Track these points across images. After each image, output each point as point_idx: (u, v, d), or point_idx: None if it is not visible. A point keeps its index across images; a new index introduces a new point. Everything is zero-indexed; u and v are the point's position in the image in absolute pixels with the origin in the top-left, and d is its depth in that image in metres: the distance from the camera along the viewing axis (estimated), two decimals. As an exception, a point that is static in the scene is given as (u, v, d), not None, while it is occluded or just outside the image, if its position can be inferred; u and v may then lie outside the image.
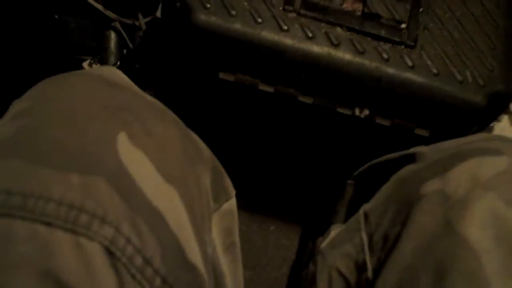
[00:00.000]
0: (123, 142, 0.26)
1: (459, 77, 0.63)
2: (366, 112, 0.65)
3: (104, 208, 0.23)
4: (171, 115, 0.31)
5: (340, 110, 0.65)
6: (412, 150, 0.34)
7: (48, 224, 0.22)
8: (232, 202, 0.35)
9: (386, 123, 0.66)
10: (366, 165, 0.37)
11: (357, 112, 0.65)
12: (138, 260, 0.24)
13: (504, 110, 0.71)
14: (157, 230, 0.25)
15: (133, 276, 0.23)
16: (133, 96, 0.30)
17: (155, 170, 0.26)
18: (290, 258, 0.88)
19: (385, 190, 0.32)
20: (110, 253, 0.23)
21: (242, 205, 0.96)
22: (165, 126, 0.29)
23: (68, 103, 0.26)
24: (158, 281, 0.24)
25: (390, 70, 0.61)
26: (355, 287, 0.31)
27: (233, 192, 0.35)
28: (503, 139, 0.30)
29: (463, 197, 0.26)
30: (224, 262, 0.34)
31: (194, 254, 0.27)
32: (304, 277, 0.36)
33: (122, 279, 0.23)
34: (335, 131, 0.70)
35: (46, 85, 0.28)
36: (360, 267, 0.31)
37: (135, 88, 0.31)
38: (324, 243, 0.35)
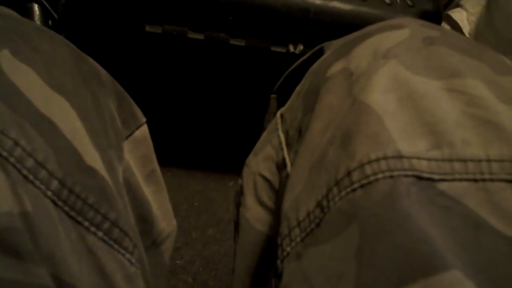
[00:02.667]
0: (6, 57, 0.25)
1: (387, 0, 0.63)
2: (301, 47, 0.64)
3: None
4: (62, 39, 0.30)
5: (274, 48, 0.64)
6: (321, 44, 0.33)
7: None
8: (144, 129, 0.34)
9: (322, 56, 0.65)
10: (284, 75, 0.37)
11: (291, 48, 0.64)
12: (29, 162, 0.23)
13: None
14: (49, 136, 0.24)
15: (25, 177, 0.23)
16: (20, 21, 0.29)
17: (42, 81, 0.26)
18: (252, 210, 0.88)
19: (298, 87, 0.32)
20: None
21: (198, 165, 0.96)
22: (54, 45, 0.29)
23: None
24: (55, 183, 0.24)
25: (317, 1, 0.61)
26: (278, 187, 0.31)
27: (143, 119, 0.34)
28: (408, 18, 0.30)
29: (365, 70, 0.26)
30: (147, 192, 0.34)
31: (94, 159, 0.26)
32: (235, 193, 0.35)
33: (12, 178, 0.22)
34: (272, 72, 0.69)
35: None
36: (281, 166, 0.30)
37: (25, 19, 0.30)
38: (249, 155, 0.34)
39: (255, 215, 0.32)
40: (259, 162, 0.32)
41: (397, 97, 0.24)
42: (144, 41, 0.61)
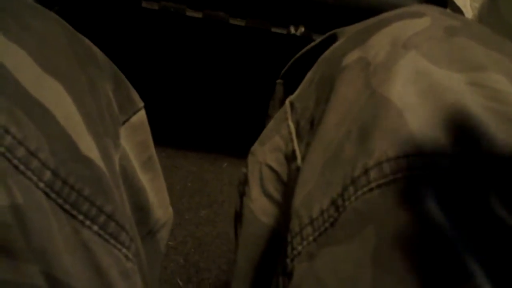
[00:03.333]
0: None
1: (392, -17, 0.61)
2: (302, 29, 0.63)
3: None
4: (55, 17, 0.29)
5: (274, 30, 0.62)
6: (334, 30, 0.32)
7: None
8: (142, 114, 0.33)
9: (323, 39, 0.64)
10: (292, 60, 0.35)
11: (292, 30, 0.62)
12: (20, 152, 0.22)
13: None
14: (41, 122, 0.23)
15: (16, 167, 0.21)
16: None
17: (33, 63, 0.24)
18: (246, 193, 0.87)
19: (309, 74, 0.30)
20: None
21: (193, 146, 0.95)
22: (47, 24, 0.27)
23: None
24: (48, 174, 0.22)
25: (321, -19, 0.59)
26: (286, 180, 0.30)
27: (141, 103, 0.33)
28: (428, 5, 0.28)
29: (384, 60, 0.24)
30: (144, 179, 0.33)
31: (89, 148, 0.25)
32: (238, 181, 0.34)
33: (2, 168, 0.21)
34: (271, 54, 0.67)
35: None
36: (290, 158, 0.29)
37: None
38: (255, 144, 0.33)
39: (260, 207, 0.31)
40: (266, 152, 0.31)
41: (418, 90, 0.22)
42: (139, 17, 0.59)
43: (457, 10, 0.90)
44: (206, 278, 0.80)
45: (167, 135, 0.86)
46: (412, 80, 0.23)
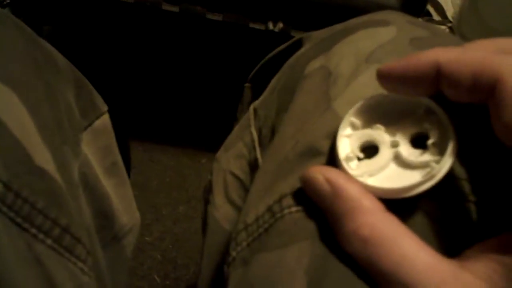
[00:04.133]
0: None
1: (372, -20, 0.61)
2: (280, 25, 0.62)
3: None
4: (14, 21, 0.28)
5: (252, 25, 0.61)
6: (300, 35, 0.31)
7: None
8: (105, 118, 0.32)
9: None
10: (259, 64, 0.34)
11: (270, 26, 0.61)
12: None
13: (421, 12, 0.70)
14: None
15: None
16: None
17: None
18: (225, 189, 0.86)
19: (273, 81, 0.29)
20: None
21: (171, 140, 0.93)
22: (3, 28, 0.26)
23: None
24: None
25: (300, -23, 0.58)
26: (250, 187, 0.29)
27: (104, 107, 0.32)
28: (394, 11, 0.27)
29: (344, 72, 0.23)
30: (108, 184, 0.32)
31: (44, 160, 0.24)
32: (204, 189, 0.33)
33: None
34: (248, 50, 0.66)
35: None
36: (253, 165, 0.28)
37: None
38: (220, 150, 0.32)
39: (224, 214, 0.30)
40: (230, 159, 0.30)
41: None
42: (115, 11, 0.58)
43: (438, 6, 0.90)
44: (184, 274, 0.79)
45: (145, 128, 0.85)
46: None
